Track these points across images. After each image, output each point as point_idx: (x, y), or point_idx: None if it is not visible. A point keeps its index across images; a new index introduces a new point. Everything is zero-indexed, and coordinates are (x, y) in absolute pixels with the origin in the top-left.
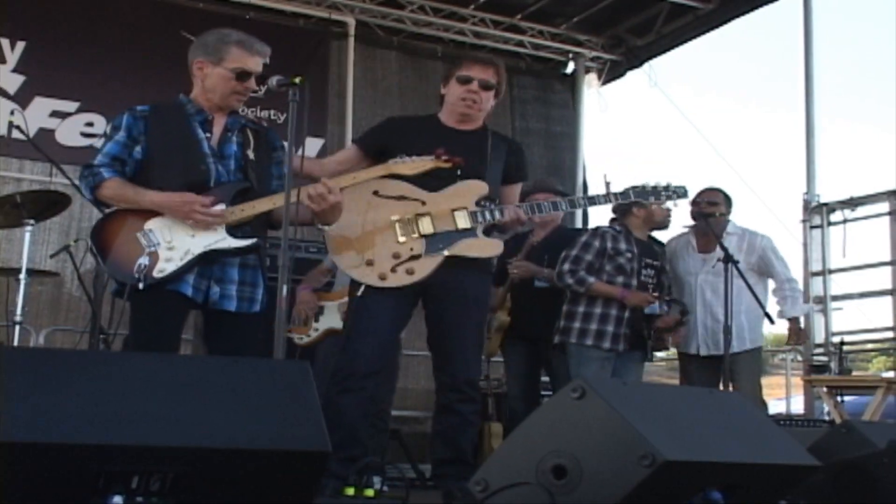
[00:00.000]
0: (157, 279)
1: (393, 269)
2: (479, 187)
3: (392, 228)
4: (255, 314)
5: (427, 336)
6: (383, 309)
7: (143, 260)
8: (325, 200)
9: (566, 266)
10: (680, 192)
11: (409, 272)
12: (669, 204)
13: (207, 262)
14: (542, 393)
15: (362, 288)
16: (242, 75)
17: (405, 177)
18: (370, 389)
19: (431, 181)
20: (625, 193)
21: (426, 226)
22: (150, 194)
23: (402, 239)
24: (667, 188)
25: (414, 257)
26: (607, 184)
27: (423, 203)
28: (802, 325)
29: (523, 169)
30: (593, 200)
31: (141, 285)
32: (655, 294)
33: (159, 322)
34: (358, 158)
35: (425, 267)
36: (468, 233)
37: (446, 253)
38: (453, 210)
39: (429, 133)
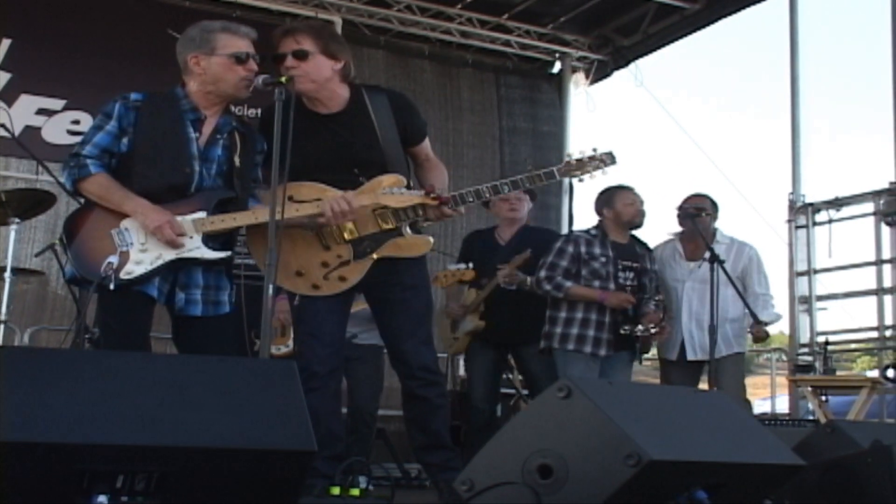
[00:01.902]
0: (123, 281)
1: (325, 277)
2: (395, 181)
3: (315, 236)
4: (223, 316)
5: (378, 330)
6: (322, 311)
7: (113, 259)
8: (345, 217)
9: (543, 273)
10: (607, 160)
11: (342, 279)
12: (598, 174)
13: (174, 267)
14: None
15: (297, 297)
16: (240, 58)
17: (318, 179)
18: (333, 387)
19: (342, 180)
20: (549, 172)
21: (349, 230)
22: (134, 202)
23: (327, 246)
24: (592, 158)
25: (343, 263)
26: (529, 168)
27: None
28: (769, 329)
29: (419, 123)
30: (517, 183)
31: (112, 286)
32: (640, 296)
33: (126, 322)
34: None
35: (356, 272)
36: (394, 232)
37: (375, 256)
38: (374, 210)
39: (304, 128)
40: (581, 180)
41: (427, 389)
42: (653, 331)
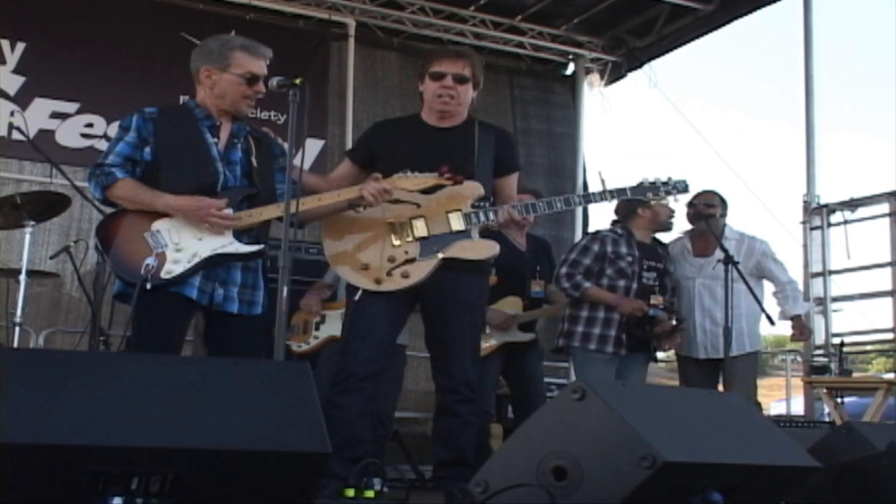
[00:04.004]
0: (164, 280)
1: (388, 273)
2: (473, 189)
3: (387, 232)
4: (256, 316)
5: (424, 338)
6: (379, 312)
7: (151, 261)
8: (384, 195)
9: (563, 270)
10: (680, 187)
11: (405, 276)
12: (670, 200)
13: (213, 264)
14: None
15: (359, 293)
16: (251, 80)
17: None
18: (369, 390)
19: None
20: (622, 190)
21: (420, 228)
22: (166, 197)
23: (396, 242)
24: (666, 183)
25: (409, 261)
26: (602, 181)
27: (418, 206)
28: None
29: (514, 158)
30: (589, 198)
31: (149, 285)
32: (659, 298)
33: (163, 324)
34: (353, 170)
35: (421, 270)
36: (463, 234)
37: (441, 255)
38: (447, 212)
39: (412, 135)
40: (651, 204)
41: (464, 406)
42: (664, 342)
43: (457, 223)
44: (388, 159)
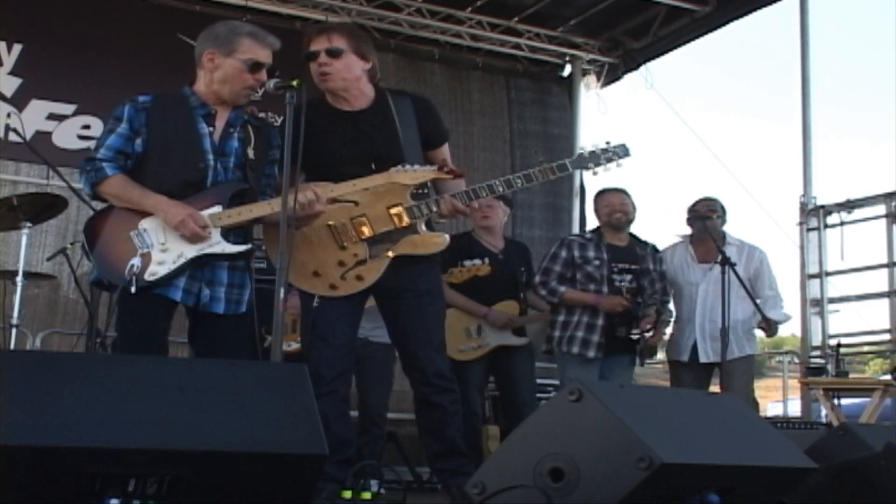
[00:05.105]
0: (147, 282)
1: (342, 277)
2: (409, 177)
3: (330, 235)
4: (241, 315)
5: (388, 334)
6: (336, 313)
7: (136, 261)
8: (311, 207)
9: (538, 278)
10: (621, 152)
11: (359, 278)
12: (612, 166)
13: (199, 265)
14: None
15: (316, 298)
16: (255, 66)
17: (329, 177)
18: (341, 392)
19: (360, 174)
20: (562, 165)
21: (365, 229)
22: (153, 199)
23: (343, 245)
24: (606, 150)
25: (360, 262)
26: (540, 161)
27: (356, 204)
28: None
29: (440, 127)
30: (530, 177)
31: (133, 289)
32: (628, 297)
33: (146, 326)
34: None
35: (373, 271)
36: (409, 230)
37: (392, 254)
38: (388, 208)
39: (327, 124)
40: (595, 173)
41: (442, 396)
42: (647, 334)
43: (401, 219)
44: (314, 155)
